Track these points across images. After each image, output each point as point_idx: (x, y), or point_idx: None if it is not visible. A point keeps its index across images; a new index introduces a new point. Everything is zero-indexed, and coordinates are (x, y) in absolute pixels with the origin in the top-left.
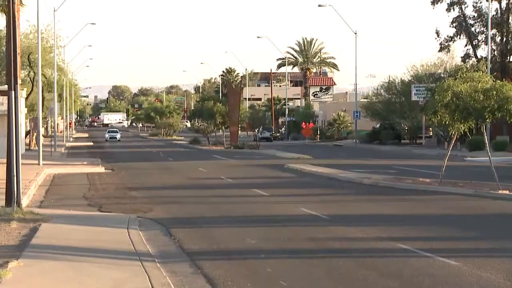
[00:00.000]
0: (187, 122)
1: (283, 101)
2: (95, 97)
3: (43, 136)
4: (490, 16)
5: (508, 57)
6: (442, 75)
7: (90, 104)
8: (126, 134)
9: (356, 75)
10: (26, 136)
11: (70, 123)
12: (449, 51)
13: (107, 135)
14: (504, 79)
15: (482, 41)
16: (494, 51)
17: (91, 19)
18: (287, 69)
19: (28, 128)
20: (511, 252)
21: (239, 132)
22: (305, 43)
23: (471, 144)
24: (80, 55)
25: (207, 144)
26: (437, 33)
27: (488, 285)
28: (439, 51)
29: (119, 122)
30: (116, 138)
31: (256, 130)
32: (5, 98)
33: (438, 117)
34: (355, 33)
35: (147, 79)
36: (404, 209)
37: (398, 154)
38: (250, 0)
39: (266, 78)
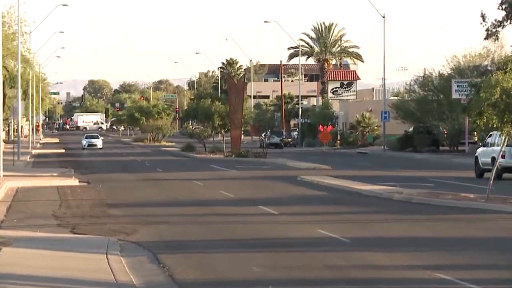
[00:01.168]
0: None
1: (296, 99)
2: (68, 94)
3: (4, 141)
4: None
5: None
6: (489, 68)
7: (61, 103)
8: (106, 139)
9: (384, 67)
10: None
11: (37, 126)
12: (497, 38)
13: (84, 142)
14: None
15: None
16: None
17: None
18: (301, 60)
19: None
20: None
21: (242, 136)
22: (323, 29)
23: None
24: (49, 43)
25: (203, 152)
26: (483, 17)
27: None
28: (485, 38)
29: (98, 128)
30: (96, 145)
31: (262, 135)
32: None
33: (484, 119)
34: (383, 17)
35: (130, 72)
36: (443, 231)
37: (435, 164)
38: None
39: (275, 71)
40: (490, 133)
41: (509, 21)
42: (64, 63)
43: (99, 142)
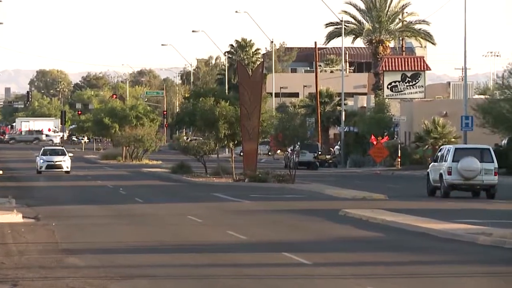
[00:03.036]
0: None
1: (337, 99)
2: (7, 90)
3: None
4: None
5: None
6: None
7: None
8: None
9: (465, 52)
10: None
11: None
12: None
13: (40, 161)
14: None
15: None
16: None
17: None
18: (345, 42)
19: None
20: None
21: (260, 152)
22: None
23: None
24: None
25: (203, 174)
26: None
27: None
28: None
29: (34, 138)
30: (60, 167)
31: (289, 150)
32: None
33: None
34: None
35: (97, 59)
36: None
37: None
38: None
39: (307, 58)
40: (441, 147)
41: None
42: (3, 45)
43: (65, 162)
